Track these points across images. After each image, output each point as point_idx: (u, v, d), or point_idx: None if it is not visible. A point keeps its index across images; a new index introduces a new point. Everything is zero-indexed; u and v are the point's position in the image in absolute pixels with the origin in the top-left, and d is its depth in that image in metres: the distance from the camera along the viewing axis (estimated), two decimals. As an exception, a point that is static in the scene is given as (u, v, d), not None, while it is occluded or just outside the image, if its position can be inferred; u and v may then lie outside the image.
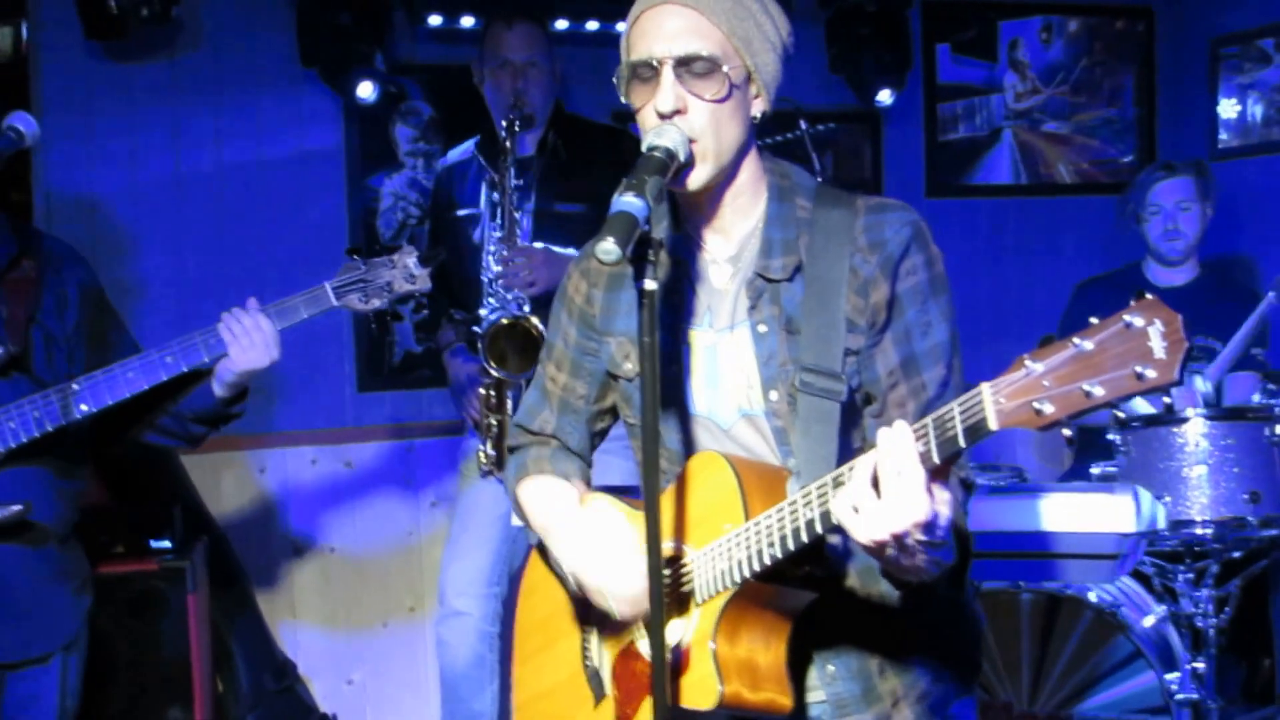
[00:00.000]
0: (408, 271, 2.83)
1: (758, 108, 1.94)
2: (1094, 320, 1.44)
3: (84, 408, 2.67)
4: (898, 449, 1.57)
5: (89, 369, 2.72)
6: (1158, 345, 1.38)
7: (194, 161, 4.31)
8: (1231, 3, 5.29)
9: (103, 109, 4.19)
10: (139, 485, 3.85)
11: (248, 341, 2.72)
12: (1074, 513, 3.31)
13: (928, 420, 1.58)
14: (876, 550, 1.65)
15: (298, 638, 4.47)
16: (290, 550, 4.49)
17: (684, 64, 1.84)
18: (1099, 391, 1.41)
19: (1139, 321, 1.39)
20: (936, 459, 1.56)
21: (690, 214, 2.01)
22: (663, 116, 1.84)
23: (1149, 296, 1.41)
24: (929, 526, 1.58)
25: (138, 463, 3.86)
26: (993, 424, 1.49)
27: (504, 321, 3.40)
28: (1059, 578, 3.37)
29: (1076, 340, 1.43)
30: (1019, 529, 3.36)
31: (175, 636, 3.50)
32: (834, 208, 1.95)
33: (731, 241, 1.99)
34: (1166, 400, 3.50)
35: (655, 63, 1.85)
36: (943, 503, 1.60)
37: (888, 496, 1.58)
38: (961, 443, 1.53)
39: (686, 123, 1.84)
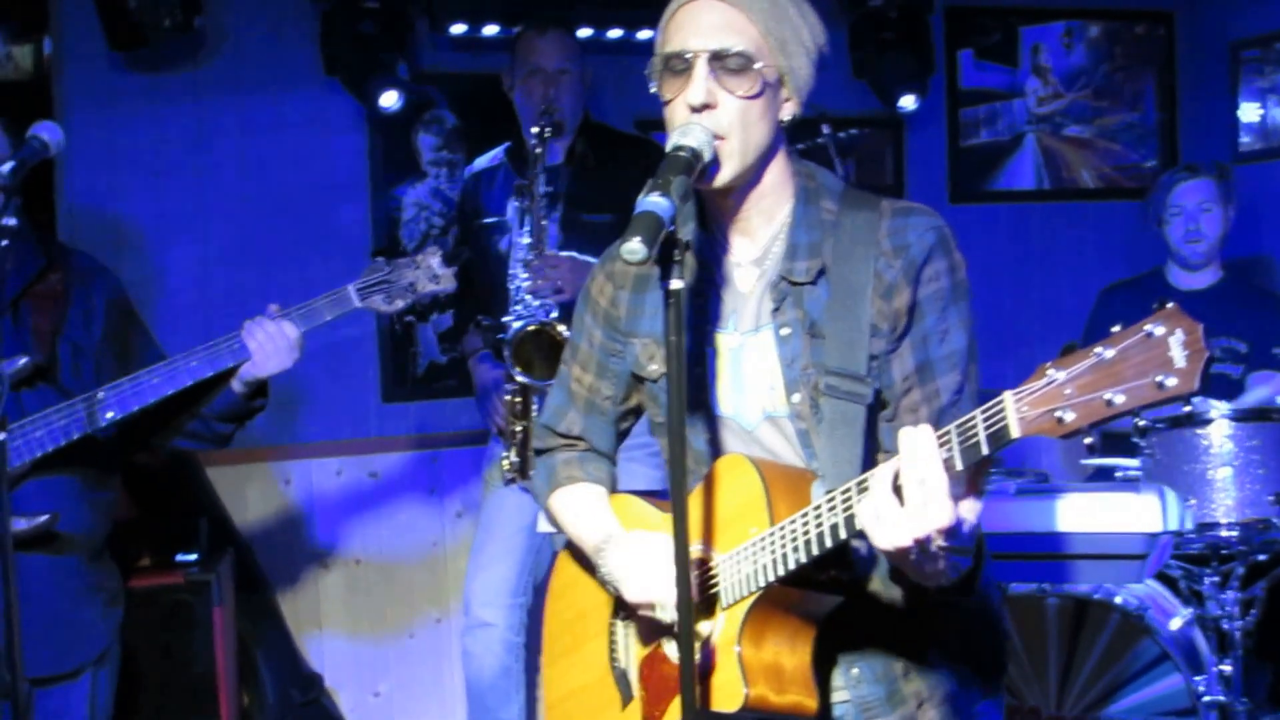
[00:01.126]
0: (431, 272, 2.85)
1: (788, 111, 1.94)
2: (1115, 329, 1.45)
3: (110, 415, 2.69)
4: (921, 456, 1.57)
5: (116, 380, 2.73)
6: (1178, 354, 1.38)
7: (217, 171, 4.32)
8: (1251, 5, 5.28)
9: (126, 120, 4.21)
10: (165, 498, 3.87)
11: (271, 347, 2.74)
12: (1100, 513, 3.29)
13: (950, 427, 1.58)
14: (899, 556, 1.65)
15: (323, 649, 4.47)
16: (315, 561, 4.49)
17: (718, 58, 1.84)
18: (1120, 400, 1.42)
19: (1160, 330, 1.40)
20: (959, 465, 1.57)
21: (716, 215, 2.01)
22: (693, 109, 1.84)
23: (1170, 305, 1.42)
24: (952, 533, 1.58)
25: (164, 475, 3.88)
26: (1015, 432, 1.50)
27: (531, 328, 3.41)
28: (1087, 579, 3.35)
29: (1098, 349, 1.44)
30: (1046, 530, 3.34)
31: (201, 650, 3.50)
32: (859, 210, 1.94)
33: (756, 244, 1.99)
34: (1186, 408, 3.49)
35: (689, 55, 1.85)
36: (969, 510, 1.60)
37: (911, 504, 1.58)
38: (984, 450, 1.54)
39: (714, 118, 1.84)
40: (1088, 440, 3.74)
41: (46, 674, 2.69)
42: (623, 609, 2.12)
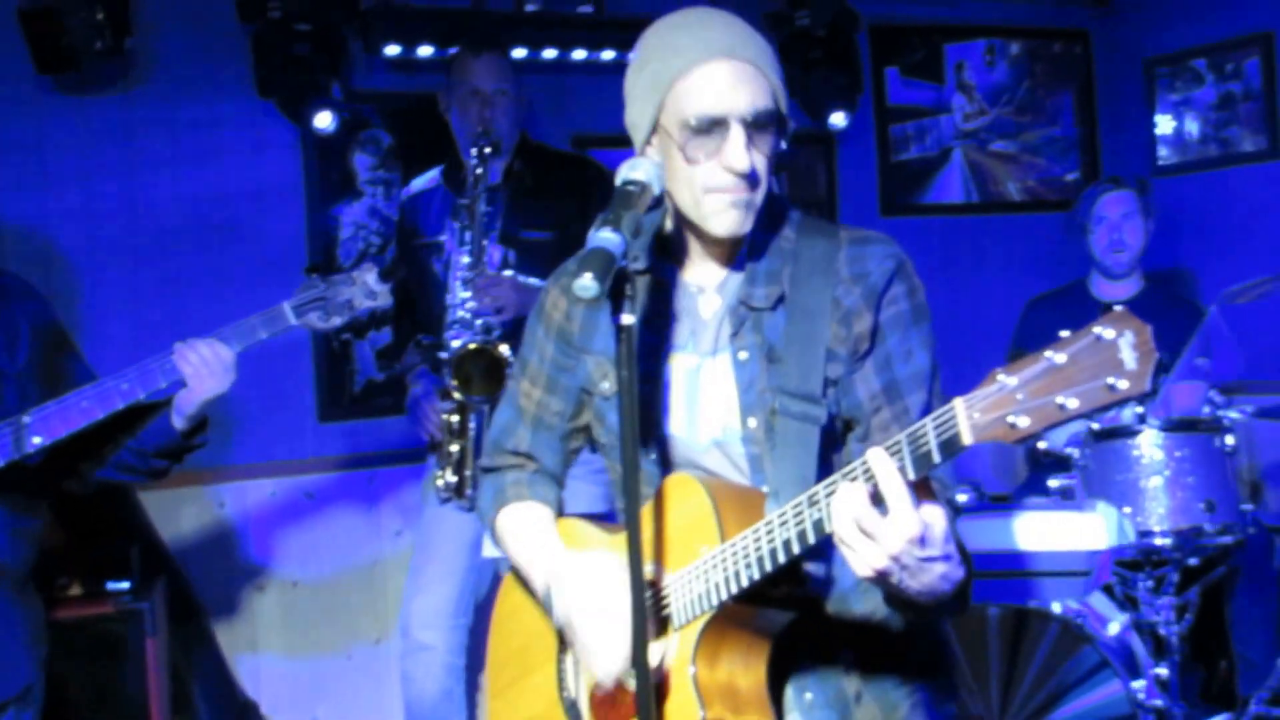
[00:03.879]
0: (368, 288, 2.75)
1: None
2: (1064, 333, 1.43)
3: (37, 440, 2.51)
4: (878, 473, 1.54)
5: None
6: (1129, 356, 1.37)
7: (150, 195, 4.17)
8: (1163, 24, 5.35)
9: (56, 143, 4.05)
10: (96, 524, 3.69)
11: (206, 370, 2.60)
12: (1045, 531, 3.30)
13: (901, 436, 1.55)
14: (881, 579, 1.60)
15: (259, 673, 4.31)
16: (251, 584, 4.33)
17: (751, 122, 1.82)
18: (1073, 404, 1.40)
19: (1110, 333, 1.39)
20: (912, 474, 1.54)
21: (679, 240, 1.98)
22: (740, 175, 1.81)
23: (1119, 308, 1.41)
24: (921, 542, 1.55)
25: (95, 501, 3.70)
26: (967, 438, 1.48)
27: (472, 346, 3.35)
28: (1032, 596, 3.34)
29: (1049, 353, 1.42)
30: (990, 548, 3.33)
31: (134, 681, 3.35)
32: (817, 238, 1.94)
33: (718, 268, 1.97)
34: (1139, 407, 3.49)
35: (725, 120, 1.81)
36: (932, 515, 1.57)
37: (874, 523, 1.55)
38: (936, 458, 1.51)
39: (748, 176, 1.84)
40: (1042, 444, 3.73)
41: (-37, 713, 2.52)
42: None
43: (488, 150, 3.44)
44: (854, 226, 1.99)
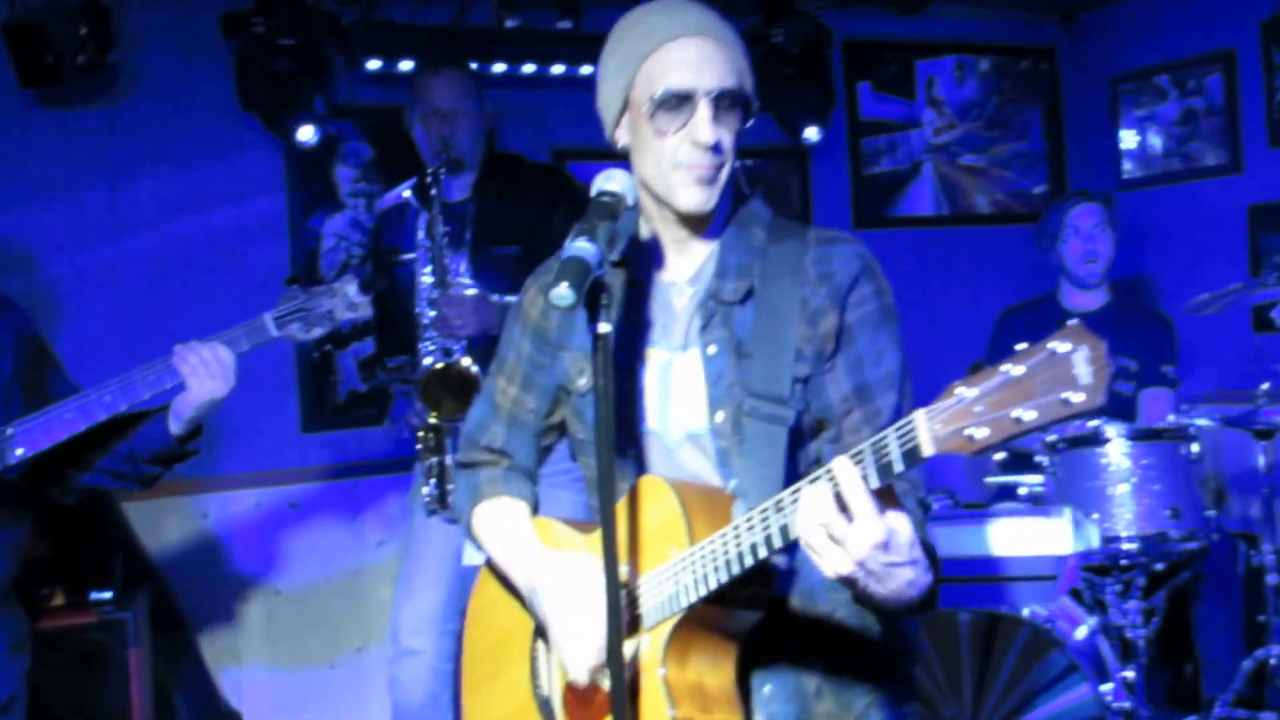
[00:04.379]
0: (348, 300, 2.73)
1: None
2: (1021, 346, 1.43)
3: (19, 452, 2.50)
4: (843, 481, 1.55)
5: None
6: (1083, 370, 1.37)
7: (133, 207, 4.16)
8: (1127, 42, 5.41)
9: (39, 156, 4.04)
10: (79, 534, 3.67)
11: (205, 371, 2.56)
12: (1013, 537, 3.33)
13: (865, 445, 1.56)
14: (847, 584, 1.61)
15: (243, 683, 4.29)
16: (235, 594, 4.32)
17: (719, 98, 1.84)
18: (1029, 416, 1.40)
19: (1064, 347, 1.39)
20: (875, 483, 1.55)
21: (651, 240, 1.99)
22: (707, 147, 1.83)
23: (1073, 322, 1.40)
24: (886, 547, 1.56)
25: (78, 511, 3.68)
26: (927, 450, 1.49)
27: (438, 367, 3.33)
28: (1001, 601, 3.36)
29: (1006, 367, 1.42)
30: (960, 554, 3.36)
31: (117, 691, 3.33)
32: (786, 239, 1.94)
33: (691, 263, 1.98)
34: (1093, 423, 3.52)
35: (692, 94, 1.84)
36: (898, 522, 1.58)
37: (843, 528, 1.56)
38: (898, 467, 1.52)
39: (717, 154, 1.85)
40: (999, 456, 3.76)
41: (-59, 725, 2.51)
42: (545, 633, 2.03)
43: (446, 168, 3.43)
44: (823, 228, 1.99)
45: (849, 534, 1.55)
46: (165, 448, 2.65)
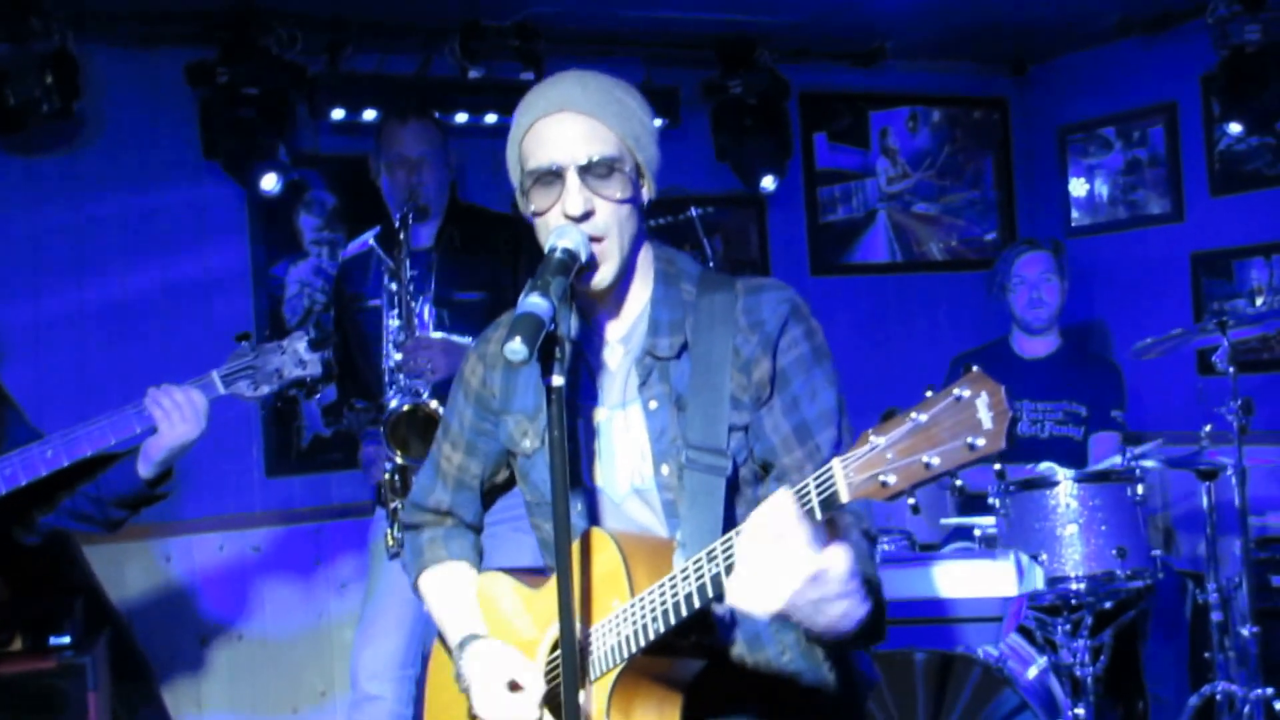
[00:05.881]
0: (297, 357, 2.73)
1: (645, 196, 1.95)
2: (928, 393, 1.45)
3: None
4: (777, 515, 1.55)
5: None
6: (985, 416, 1.40)
7: (98, 254, 4.14)
8: (1075, 94, 5.51)
9: (3, 201, 4.01)
10: (38, 577, 3.61)
11: (178, 415, 2.56)
12: (961, 579, 3.35)
13: (790, 494, 1.57)
14: (784, 616, 1.60)
15: (206, 729, 4.24)
16: (197, 640, 4.27)
17: (587, 169, 1.84)
18: (936, 462, 1.43)
19: (967, 393, 1.41)
20: None
21: (583, 297, 1.99)
22: (574, 220, 1.83)
23: (975, 369, 1.43)
24: (818, 580, 1.54)
25: (38, 554, 3.63)
26: (844, 496, 1.51)
27: (405, 408, 3.33)
28: (949, 642, 3.38)
29: (914, 414, 1.45)
30: (910, 596, 3.37)
31: (75, 737, 3.26)
32: (716, 291, 1.95)
33: (622, 323, 1.99)
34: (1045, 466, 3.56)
35: (560, 169, 1.84)
36: (834, 555, 1.56)
37: (775, 560, 1.55)
38: (818, 515, 1.54)
39: (592, 224, 1.85)
40: (911, 501, 3.77)
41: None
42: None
43: (413, 215, 3.44)
44: (750, 277, 2.00)
45: (781, 567, 1.55)
46: (133, 491, 2.64)
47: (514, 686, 1.94)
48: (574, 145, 1.84)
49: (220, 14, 4.02)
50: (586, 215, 1.83)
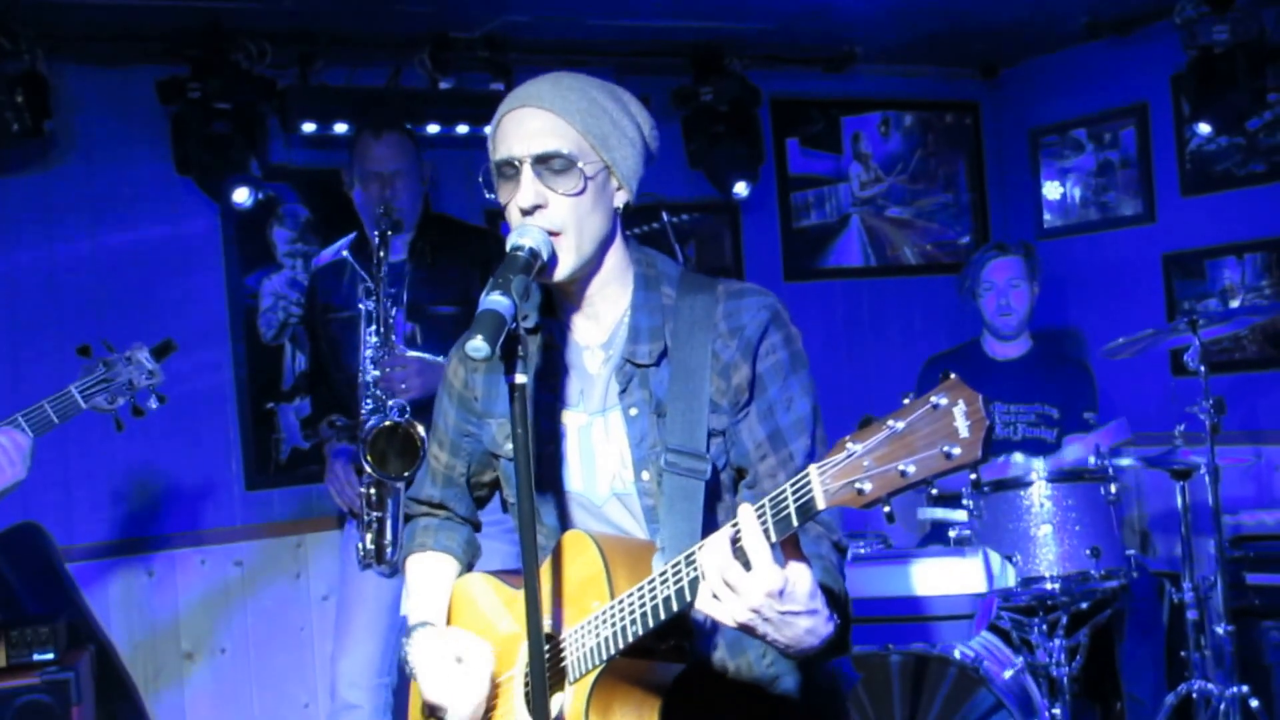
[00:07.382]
0: (143, 368, 2.84)
1: (620, 199, 1.95)
2: (906, 400, 1.44)
3: None
4: (743, 530, 1.57)
5: None
6: (962, 425, 1.39)
7: (71, 273, 4.14)
8: (1046, 97, 5.53)
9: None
10: (21, 595, 3.62)
11: (4, 459, 2.58)
12: (930, 577, 3.37)
13: (765, 501, 1.58)
14: (746, 631, 1.63)
15: (189, 742, 4.23)
16: (180, 655, 4.26)
17: (541, 161, 1.85)
18: (912, 470, 1.42)
19: (944, 401, 1.41)
20: (774, 537, 1.56)
21: (562, 301, 2.00)
22: (524, 212, 1.85)
23: (953, 377, 1.42)
24: (781, 595, 1.57)
25: (20, 571, 3.64)
26: (820, 504, 1.50)
27: (386, 424, 3.33)
28: (920, 639, 3.39)
29: (891, 422, 1.44)
30: (882, 595, 3.39)
31: (58, 754, 3.26)
32: (696, 294, 1.95)
33: (602, 328, 1.99)
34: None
35: (516, 161, 1.86)
36: (797, 572, 1.59)
37: (734, 575, 1.58)
38: (794, 522, 1.54)
39: (547, 217, 1.85)
40: (886, 509, 3.80)
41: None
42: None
43: (389, 232, 3.44)
44: (731, 281, 2.00)
45: (745, 581, 1.57)
46: None
47: (460, 664, 1.96)
48: (529, 139, 1.85)
49: (190, 30, 4.01)
50: (537, 208, 1.84)
